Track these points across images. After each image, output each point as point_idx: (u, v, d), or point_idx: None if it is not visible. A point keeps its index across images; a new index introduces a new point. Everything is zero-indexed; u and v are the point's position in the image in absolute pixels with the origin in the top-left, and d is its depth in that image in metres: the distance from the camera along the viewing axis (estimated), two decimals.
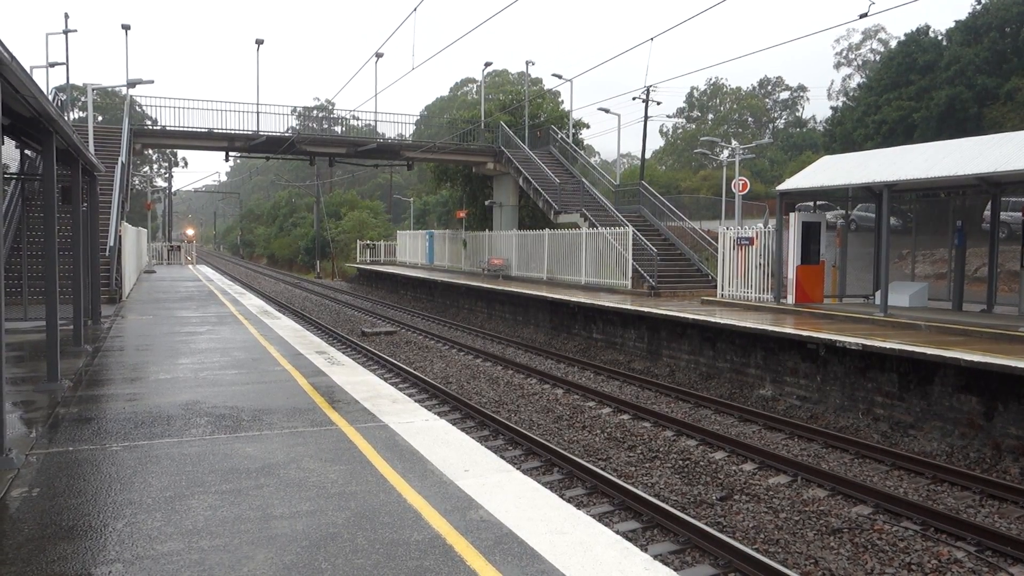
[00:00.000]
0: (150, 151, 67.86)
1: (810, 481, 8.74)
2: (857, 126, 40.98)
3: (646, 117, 43.37)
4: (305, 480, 5.26)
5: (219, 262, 72.21)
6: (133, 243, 24.86)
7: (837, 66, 66.65)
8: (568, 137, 33.17)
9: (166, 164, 74.41)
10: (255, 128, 28.78)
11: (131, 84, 28.79)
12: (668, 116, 77.30)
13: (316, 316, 25.88)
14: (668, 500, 8.09)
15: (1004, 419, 9.70)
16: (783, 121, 76.01)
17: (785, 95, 76.88)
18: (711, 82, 76.81)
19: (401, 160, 32.70)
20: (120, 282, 19.17)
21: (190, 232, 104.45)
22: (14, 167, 18.17)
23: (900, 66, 40.50)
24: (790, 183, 17.39)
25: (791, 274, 16.80)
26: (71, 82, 29.82)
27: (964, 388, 10.22)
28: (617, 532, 5.34)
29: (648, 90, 42.03)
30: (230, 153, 30.35)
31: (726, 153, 32.33)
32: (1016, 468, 9.16)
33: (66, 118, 16.53)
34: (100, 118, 59.15)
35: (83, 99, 32.04)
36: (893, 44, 50.51)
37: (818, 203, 19.65)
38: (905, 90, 39.16)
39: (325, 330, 21.85)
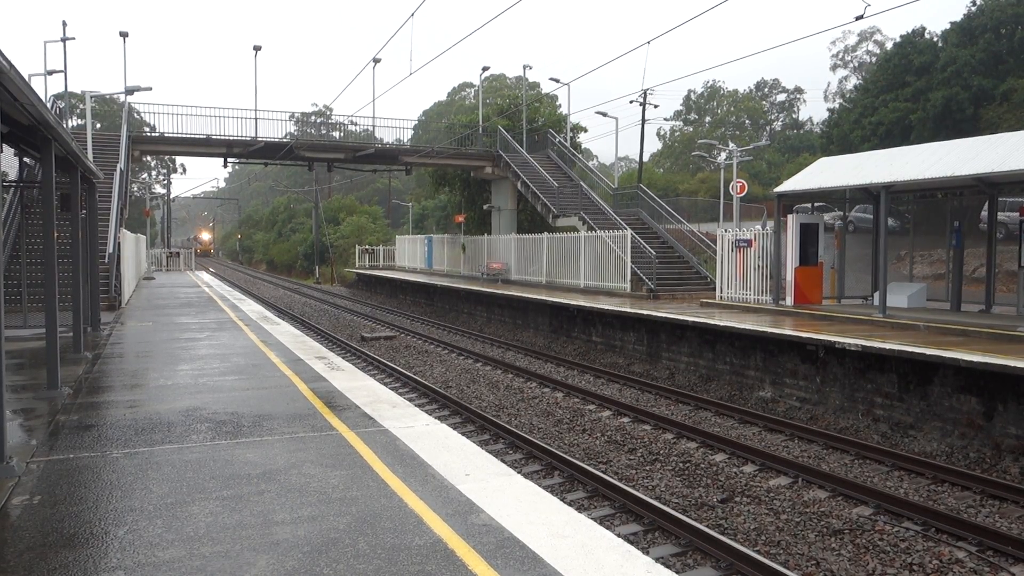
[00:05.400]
0: (148, 158, 67.87)
1: (811, 482, 8.74)
2: (854, 128, 41.05)
3: (643, 120, 43.46)
4: (306, 486, 5.26)
5: (218, 268, 72.15)
6: (132, 250, 24.86)
7: (833, 68, 66.87)
8: (566, 141, 33.20)
9: (164, 171, 74.42)
10: (253, 134, 28.79)
11: (129, 91, 28.84)
12: (666, 119, 77.46)
13: (315, 321, 25.87)
14: (669, 503, 8.10)
15: (1004, 419, 9.71)
16: (780, 123, 76.18)
17: (782, 97, 77.09)
18: (708, 85, 77.01)
19: (399, 165, 32.71)
20: (119, 289, 19.17)
21: (205, 236, 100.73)
22: (13, 174, 18.19)
23: (896, 68, 40.59)
24: (788, 185, 17.42)
25: (789, 276, 16.83)
26: (69, 89, 29.84)
27: (964, 388, 10.23)
28: (618, 535, 5.34)
29: (645, 93, 42.13)
30: (228, 159, 30.35)
31: (724, 155, 32.37)
32: (1016, 468, 9.17)
33: (64, 125, 16.54)
34: (99, 125, 59.20)
35: (81, 106, 32.08)
36: (889, 46, 50.63)
37: (816, 205, 19.69)
38: (901, 92, 39.24)
39: (324, 335, 21.84)
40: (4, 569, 3.96)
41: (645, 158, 52.83)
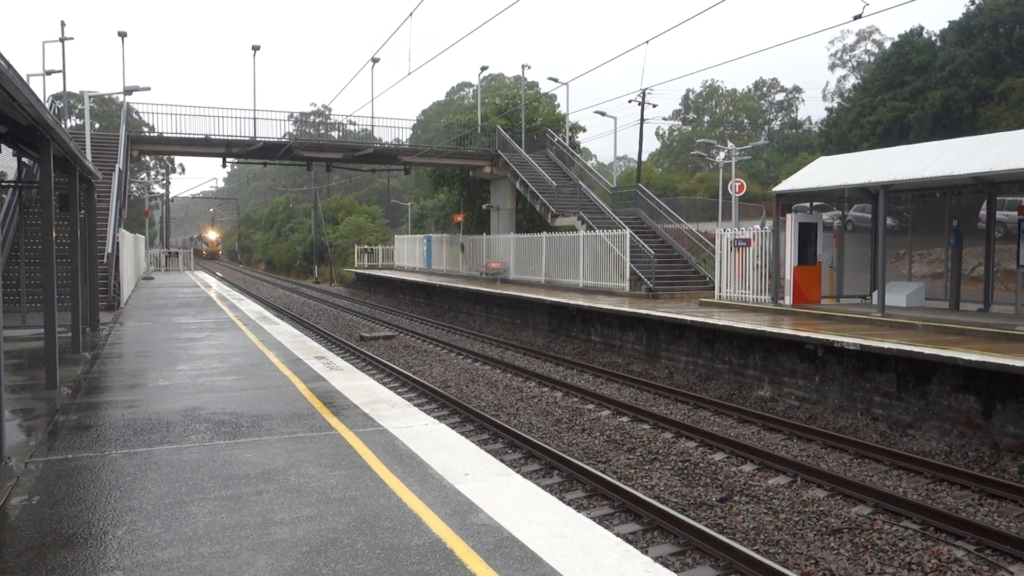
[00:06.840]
0: (147, 158, 67.82)
1: (809, 481, 8.75)
2: (852, 127, 41.07)
3: (642, 120, 43.45)
4: (305, 486, 5.26)
5: (217, 268, 72.10)
6: (131, 250, 24.84)
7: (832, 67, 66.94)
8: (565, 140, 33.20)
9: (163, 171, 74.36)
10: (252, 134, 28.77)
11: (128, 91, 28.81)
12: (664, 118, 77.56)
13: (314, 321, 25.86)
14: (668, 502, 8.10)
15: (1002, 418, 9.72)
16: (779, 123, 76.17)
17: (780, 96, 77.08)
18: (707, 84, 77.03)
19: (398, 165, 32.70)
20: (118, 289, 19.16)
21: (212, 236, 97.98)
22: (11, 175, 18.17)
23: (895, 67, 40.62)
24: (786, 184, 17.43)
25: (788, 275, 16.83)
26: (68, 89, 29.82)
27: (962, 387, 10.24)
28: (617, 534, 5.35)
29: (644, 93, 42.13)
30: (227, 159, 30.33)
31: (722, 155, 32.39)
32: (1015, 467, 9.18)
33: (63, 126, 16.52)
34: (97, 125, 59.11)
35: (80, 107, 32.05)
36: (887, 45, 50.69)
37: (815, 204, 19.70)
38: (900, 91, 39.27)
39: (323, 335, 21.83)
40: (3, 569, 3.95)
41: (644, 157, 52.85)
